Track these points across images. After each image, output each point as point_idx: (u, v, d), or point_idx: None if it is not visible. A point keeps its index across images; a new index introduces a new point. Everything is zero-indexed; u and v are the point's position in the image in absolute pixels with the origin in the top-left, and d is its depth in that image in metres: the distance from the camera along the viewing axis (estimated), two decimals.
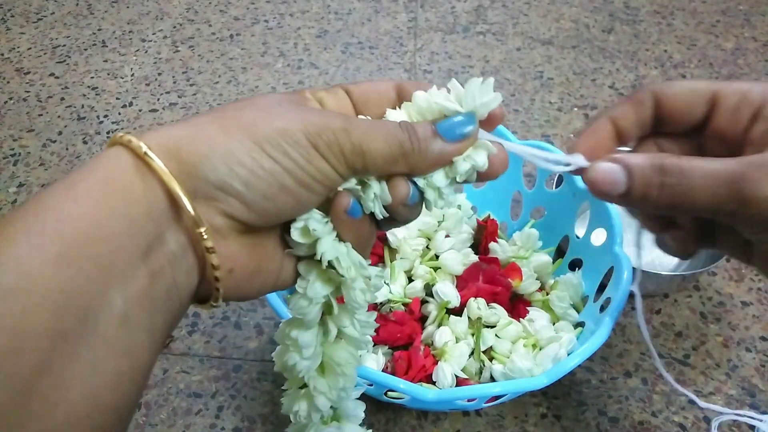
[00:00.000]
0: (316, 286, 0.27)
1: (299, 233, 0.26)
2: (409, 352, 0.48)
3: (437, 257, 0.54)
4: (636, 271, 0.38)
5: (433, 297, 0.52)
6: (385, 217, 0.27)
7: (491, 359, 0.49)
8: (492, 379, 0.48)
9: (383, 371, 0.46)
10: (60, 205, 0.20)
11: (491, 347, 0.49)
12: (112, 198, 0.21)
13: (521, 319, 0.51)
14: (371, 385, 0.42)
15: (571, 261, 0.56)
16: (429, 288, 0.52)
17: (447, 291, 0.51)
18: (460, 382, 0.47)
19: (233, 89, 0.84)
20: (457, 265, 0.53)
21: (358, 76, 0.87)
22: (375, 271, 0.28)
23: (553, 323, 0.51)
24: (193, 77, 0.86)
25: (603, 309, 0.47)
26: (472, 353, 0.49)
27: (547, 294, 0.53)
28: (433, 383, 0.47)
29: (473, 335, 0.50)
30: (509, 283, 0.52)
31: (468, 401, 0.43)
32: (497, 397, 0.44)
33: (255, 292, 0.27)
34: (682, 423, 0.50)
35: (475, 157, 0.26)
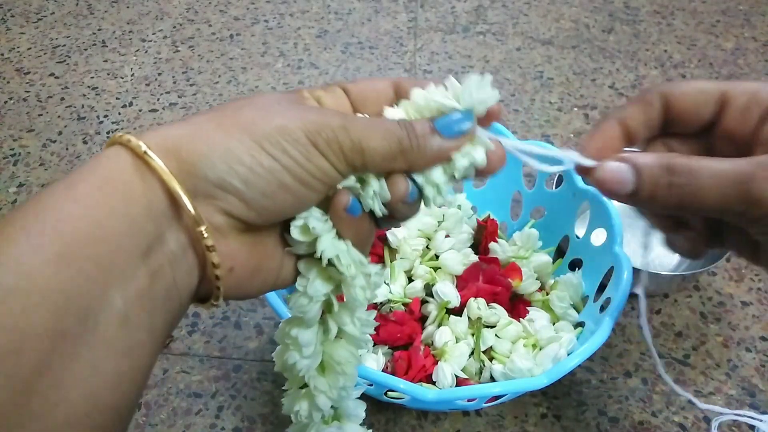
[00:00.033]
0: (316, 284, 0.27)
1: (299, 231, 0.26)
2: (409, 352, 0.48)
3: (437, 257, 0.54)
4: (641, 273, 0.37)
5: (433, 297, 0.52)
6: (385, 215, 0.27)
7: (491, 359, 0.49)
8: (492, 379, 0.48)
9: (383, 371, 0.46)
10: (60, 205, 0.20)
11: (491, 347, 0.49)
12: (111, 198, 0.21)
13: (521, 319, 0.51)
14: (371, 385, 0.42)
15: (571, 261, 0.56)
16: (429, 288, 0.52)
17: (447, 291, 0.51)
18: (460, 382, 0.47)
19: (233, 89, 0.84)
20: (457, 265, 0.53)
21: (358, 76, 0.87)
22: (375, 269, 0.28)
23: (553, 323, 0.51)
24: (193, 77, 0.86)
25: (603, 309, 0.47)
26: (472, 353, 0.49)
27: (547, 294, 0.53)
28: (433, 383, 0.47)
29: (473, 335, 0.50)
30: (509, 283, 0.52)
31: (468, 401, 0.43)
32: (497, 397, 0.44)
33: (255, 290, 0.27)
34: (682, 423, 0.50)
35: (474, 154, 0.26)
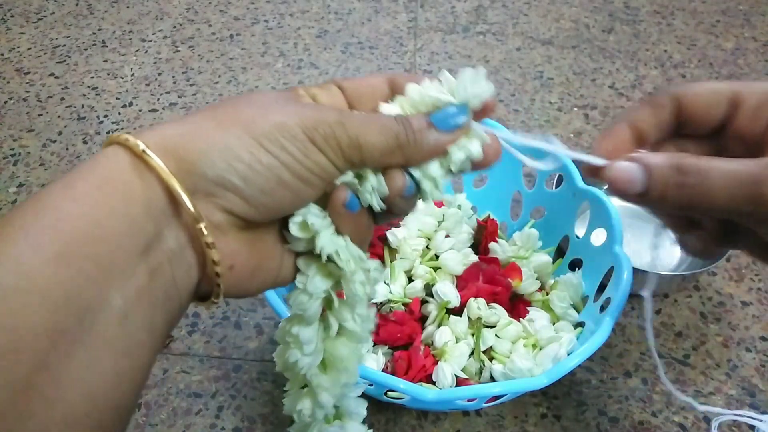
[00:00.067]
0: (315, 280, 0.27)
1: (298, 228, 0.26)
2: (409, 352, 0.48)
3: (437, 257, 0.54)
4: (649, 275, 0.37)
5: (433, 297, 0.52)
6: (383, 210, 0.27)
7: (491, 359, 0.49)
8: (492, 379, 0.48)
9: (383, 371, 0.46)
10: (59, 205, 0.20)
11: (491, 347, 0.49)
12: (110, 197, 0.21)
13: (521, 319, 0.51)
14: (371, 385, 0.42)
15: (571, 261, 0.56)
16: (429, 288, 0.52)
17: (447, 291, 0.51)
18: (460, 382, 0.47)
19: (233, 89, 0.84)
20: (457, 265, 0.53)
21: (358, 76, 0.87)
22: (374, 264, 0.29)
23: (553, 323, 0.51)
24: (193, 77, 0.86)
25: (603, 309, 0.47)
26: (472, 353, 0.49)
27: (547, 294, 0.53)
28: (433, 383, 0.47)
29: (473, 335, 0.50)
30: (509, 283, 0.52)
31: (468, 401, 0.43)
32: (497, 397, 0.44)
33: (255, 288, 0.27)
34: (682, 423, 0.50)
35: (469, 147, 0.27)
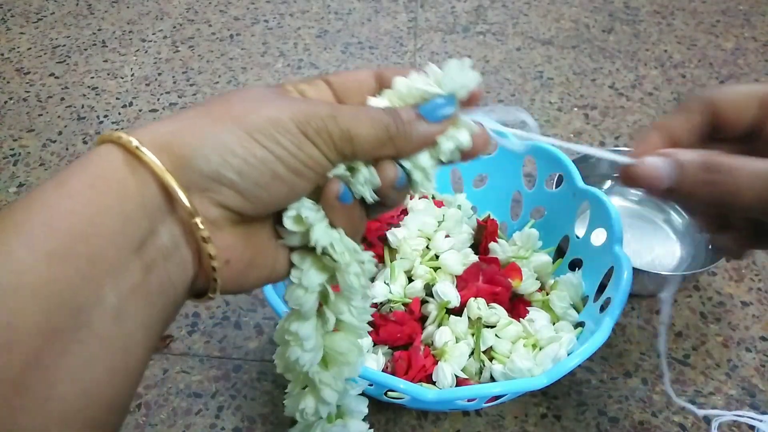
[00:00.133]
0: (310, 274, 0.27)
1: (292, 221, 0.26)
2: (409, 352, 0.48)
3: (437, 257, 0.54)
4: (670, 277, 0.37)
5: (433, 297, 0.52)
6: (375, 201, 0.27)
7: (491, 359, 0.49)
8: (492, 379, 0.48)
9: (383, 371, 0.46)
10: (51, 203, 0.20)
11: (491, 347, 0.49)
12: (104, 194, 0.21)
13: (521, 319, 0.51)
14: (371, 385, 0.42)
15: (571, 261, 0.56)
16: (429, 288, 0.52)
17: (447, 291, 0.51)
18: (460, 382, 0.47)
19: (233, 89, 0.84)
20: (457, 265, 0.53)
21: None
22: (368, 256, 0.29)
23: (553, 323, 0.51)
24: (193, 77, 0.86)
25: (603, 309, 0.47)
26: (472, 353, 0.49)
27: (547, 294, 0.53)
28: (433, 383, 0.47)
29: (473, 335, 0.50)
30: (509, 283, 0.52)
31: (468, 401, 0.43)
32: (497, 397, 0.44)
33: (250, 284, 0.27)
34: (682, 423, 0.50)
35: (458, 136, 0.27)
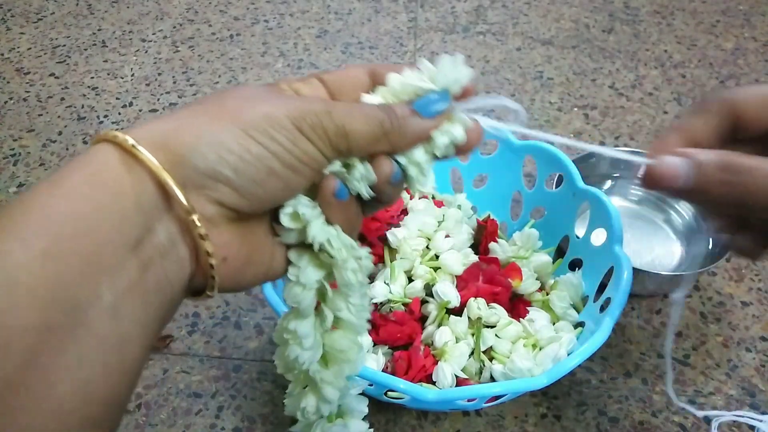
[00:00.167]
0: (308, 271, 0.27)
1: (289, 218, 0.26)
2: (409, 352, 0.48)
3: (437, 257, 0.54)
4: (684, 276, 0.37)
5: (433, 297, 0.52)
6: (372, 197, 0.27)
7: (491, 359, 0.49)
8: (492, 379, 0.48)
9: (383, 371, 0.46)
10: (47, 201, 0.20)
11: (491, 347, 0.49)
12: (99, 192, 0.21)
13: (521, 319, 0.51)
14: (371, 385, 0.42)
15: (571, 261, 0.56)
16: (429, 288, 0.52)
17: (447, 291, 0.51)
18: (460, 382, 0.47)
19: (229, 87, 0.84)
20: (457, 265, 0.53)
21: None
22: (364, 252, 0.29)
23: (553, 323, 0.51)
24: (193, 77, 0.86)
25: (603, 309, 0.47)
26: (472, 353, 0.49)
27: (547, 294, 0.53)
28: (433, 383, 0.47)
29: (473, 335, 0.50)
30: (509, 283, 0.52)
31: (468, 401, 0.43)
32: (497, 397, 0.44)
33: (248, 282, 0.27)
34: (682, 423, 0.50)
35: (453, 131, 0.27)
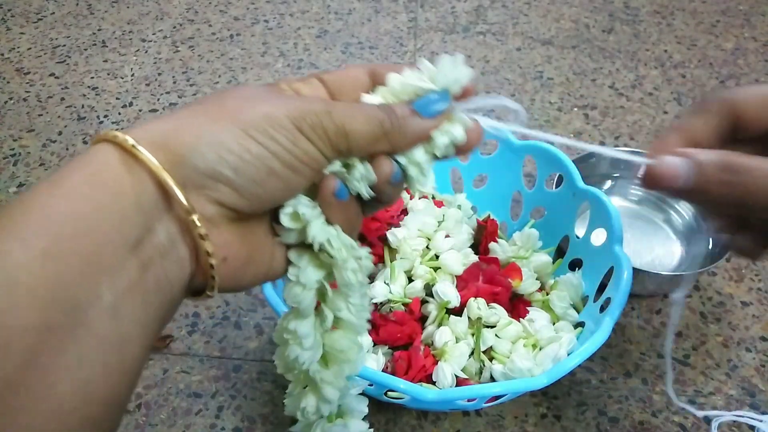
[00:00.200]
0: (308, 271, 0.27)
1: (289, 218, 0.26)
2: (409, 352, 0.48)
3: (437, 257, 0.54)
4: (685, 276, 0.37)
5: (433, 297, 0.52)
6: (371, 197, 0.27)
7: (491, 359, 0.49)
8: (492, 379, 0.48)
9: (383, 371, 0.46)
10: (46, 201, 0.20)
11: (491, 347, 0.49)
12: (99, 192, 0.21)
13: (521, 319, 0.51)
14: (371, 385, 0.42)
15: (571, 261, 0.56)
16: (429, 288, 0.52)
17: (447, 291, 0.51)
18: (460, 382, 0.47)
19: (229, 87, 0.84)
20: (457, 265, 0.53)
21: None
22: (364, 252, 0.29)
23: (553, 323, 0.51)
24: (193, 77, 0.86)
25: (603, 309, 0.47)
26: (472, 353, 0.49)
27: (547, 294, 0.53)
28: (433, 383, 0.47)
29: (473, 335, 0.50)
30: (509, 283, 0.52)
31: (468, 401, 0.43)
32: (497, 397, 0.44)
33: (248, 282, 0.27)
34: (682, 423, 0.50)
35: (452, 131, 0.27)
